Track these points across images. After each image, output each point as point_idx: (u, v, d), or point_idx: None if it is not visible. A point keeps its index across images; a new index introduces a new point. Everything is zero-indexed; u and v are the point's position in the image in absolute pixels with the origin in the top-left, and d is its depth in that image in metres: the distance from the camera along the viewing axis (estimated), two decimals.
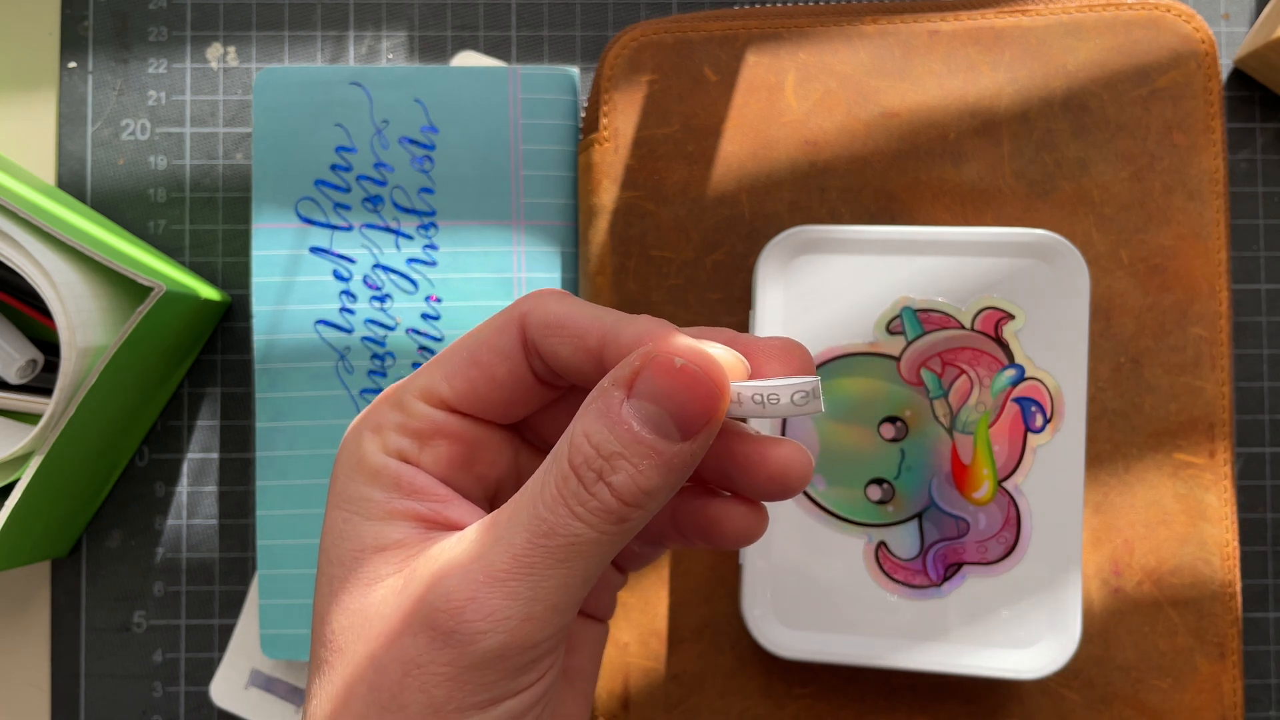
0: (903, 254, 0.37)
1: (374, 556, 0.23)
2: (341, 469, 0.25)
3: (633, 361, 0.22)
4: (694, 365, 0.21)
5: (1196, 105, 0.38)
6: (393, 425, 0.24)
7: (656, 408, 0.21)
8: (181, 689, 0.43)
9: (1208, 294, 0.38)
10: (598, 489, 0.21)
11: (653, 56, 0.39)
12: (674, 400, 0.21)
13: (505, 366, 0.24)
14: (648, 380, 0.21)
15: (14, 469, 0.37)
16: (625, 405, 0.21)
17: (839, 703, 0.38)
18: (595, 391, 0.22)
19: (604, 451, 0.21)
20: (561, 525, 0.21)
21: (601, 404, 0.21)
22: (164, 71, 0.44)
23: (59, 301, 0.34)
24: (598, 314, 0.24)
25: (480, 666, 0.22)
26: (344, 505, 0.24)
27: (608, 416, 0.21)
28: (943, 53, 0.39)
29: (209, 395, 0.44)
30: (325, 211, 0.41)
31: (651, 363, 0.21)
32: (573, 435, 0.22)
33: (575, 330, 0.24)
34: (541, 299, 0.24)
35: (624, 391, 0.21)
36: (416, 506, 0.24)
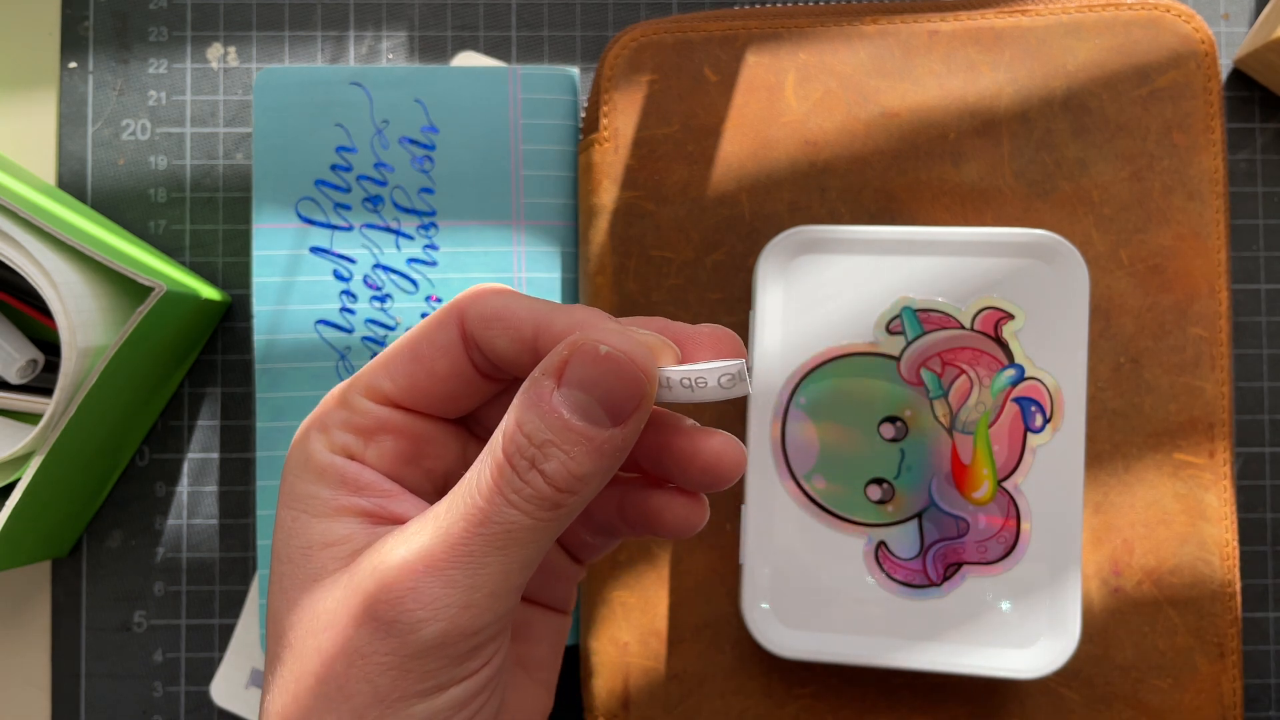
0: (903, 254, 0.37)
1: (321, 553, 0.24)
2: (290, 468, 0.25)
3: (561, 351, 0.22)
4: (620, 352, 0.22)
5: (1196, 105, 0.38)
6: (338, 423, 0.25)
7: (585, 395, 0.22)
8: (182, 689, 0.43)
9: (1207, 294, 0.38)
10: (531, 476, 0.22)
11: (653, 56, 0.39)
12: (601, 387, 0.22)
13: (445, 361, 0.25)
14: (576, 368, 0.22)
15: (14, 469, 0.37)
16: (555, 394, 0.22)
17: (839, 703, 0.38)
18: (527, 381, 0.22)
19: (536, 440, 0.22)
20: (497, 513, 0.22)
21: (532, 393, 0.22)
22: (164, 71, 0.44)
23: (59, 301, 0.34)
24: (534, 306, 0.24)
25: (422, 655, 0.22)
26: (292, 504, 0.24)
27: (539, 405, 0.22)
28: (943, 53, 0.39)
29: (209, 395, 0.44)
30: (325, 211, 0.41)
31: (578, 351, 0.22)
32: (506, 425, 0.22)
33: (511, 322, 0.24)
34: (480, 294, 0.25)
35: (554, 380, 0.22)
36: (362, 502, 0.24)
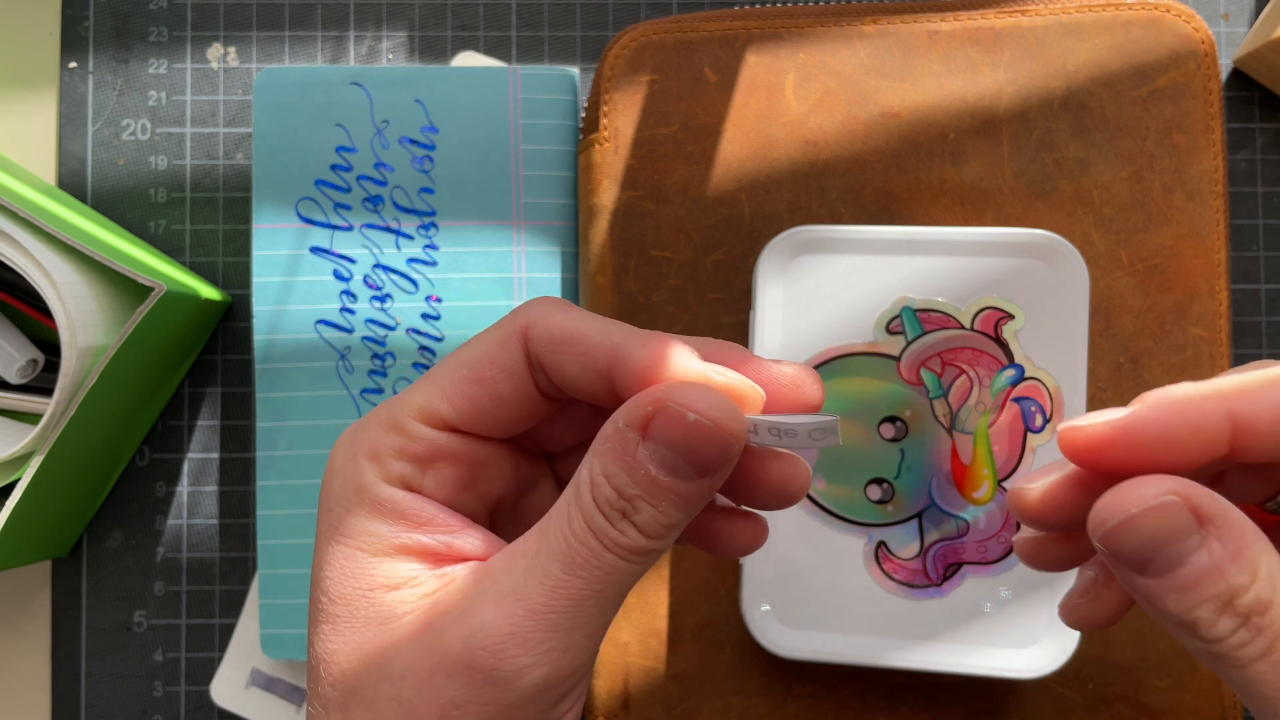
0: (903, 254, 0.37)
1: (385, 595, 0.23)
2: (337, 499, 0.23)
3: (646, 405, 0.21)
4: (708, 420, 0.21)
5: (1196, 105, 0.38)
6: (391, 450, 0.23)
7: (672, 453, 0.21)
8: (182, 689, 0.43)
9: (1207, 294, 0.38)
10: (624, 526, 0.21)
11: (653, 56, 0.39)
12: (689, 448, 0.21)
13: (509, 383, 0.24)
14: (662, 428, 0.21)
15: (14, 469, 0.37)
16: (641, 449, 0.21)
17: (839, 703, 0.38)
18: (611, 429, 0.22)
19: (625, 494, 0.21)
20: (595, 557, 0.21)
21: (618, 446, 0.21)
22: (164, 71, 0.44)
23: (59, 301, 0.34)
24: (606, 329, 0.23)
25: (523, 702, 0.21)
26: (346, 539, 0.23)
27: (625, 459, 0.21)
28: (943, 53, 0.39)
29: (209, 395, 0.44)
30: (325, 211, 0.41)
31: (664, 412, 0.21)
32: (592, 473, 0.22)
33: (583, 347, 0.23)
34: (544, 310, 0.24)
35: (639, 434, 0.21)
36: (426, 540, 0.23)
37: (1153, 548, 0.20)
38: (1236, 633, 0.20)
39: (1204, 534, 0.20)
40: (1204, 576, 0.20)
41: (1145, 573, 0.20)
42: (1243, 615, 0.20)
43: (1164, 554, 0.20)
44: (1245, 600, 0.20)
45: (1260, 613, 0.20)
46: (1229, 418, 0.21)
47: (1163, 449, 0.21)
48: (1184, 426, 0.21)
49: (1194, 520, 0.20)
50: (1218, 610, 0.20)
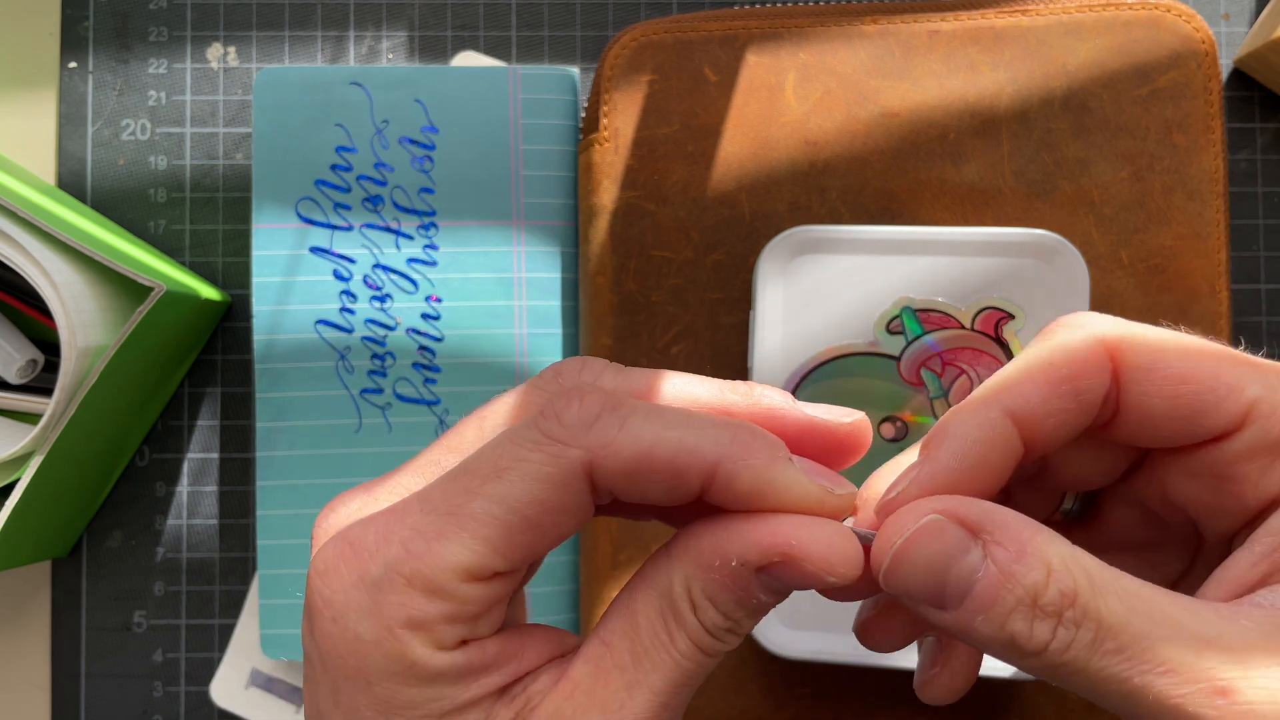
0: (903, 254, 0.37)
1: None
2: (379, 673, 0.20)
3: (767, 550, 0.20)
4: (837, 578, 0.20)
5: (1196, 105, 0.38)
6: (439, 618, 0.20)
7: (790, 586, 0.21)
8: (181, 689, 0.43)
9: (1208, 294, 0.38)
10: (728, 639, 0.21)
11: (653, 56, 0.39)
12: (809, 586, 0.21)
13: (573, 522, 0.21)
14: (784, 574, 0.20)
15: (14, 469, 0.37)
16: (755, 582, 0.21)
17: (839, 703, 0.38)
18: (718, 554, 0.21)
19: (734, 616, 0.21)
20: (699, 665, 0.21)
21: (732, 582, 0.21)
22: (164, 71, 0.44)
23: (59, 301, 0.34)
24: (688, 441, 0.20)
25: None
26: (400, 711, 0.20)
27: (739, 594, 0.21)
28: (943, 53, 0.39)
29: (209, 395, 0.44)
30: (325, 211, 0.41)
31: (786, 564, 0.20)
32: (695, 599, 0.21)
33: (670, 471, 0.20)
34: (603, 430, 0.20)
35: (754, 570, 0.21)
36: (496, 680, 0.21)
37: (938, 576, 0.20)
38: (1057, 634, 0.19)
39: (981, 544, 0.20)
40: (999, 587, 0.19)
41: (945, 606, 0.20)
42: (1054, 614, 0.19)
43: (952, 579, 0.20)
44: (1049, 597, 0.19)
45: (1070, 605, 0.19)
46: (1010, 419, 0.22)
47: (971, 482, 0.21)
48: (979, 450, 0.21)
49: (965, 533, 0.20)
50: (1028, 618, 0.19)
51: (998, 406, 0.22)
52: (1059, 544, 0.20)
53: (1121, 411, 0.22)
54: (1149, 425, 0.22)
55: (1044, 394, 0.22)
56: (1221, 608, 0.20)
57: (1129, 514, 0.26)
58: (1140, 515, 0.25)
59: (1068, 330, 0.23)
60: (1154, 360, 0.22)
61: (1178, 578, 0.25)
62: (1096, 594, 0.19)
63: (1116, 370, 0.22)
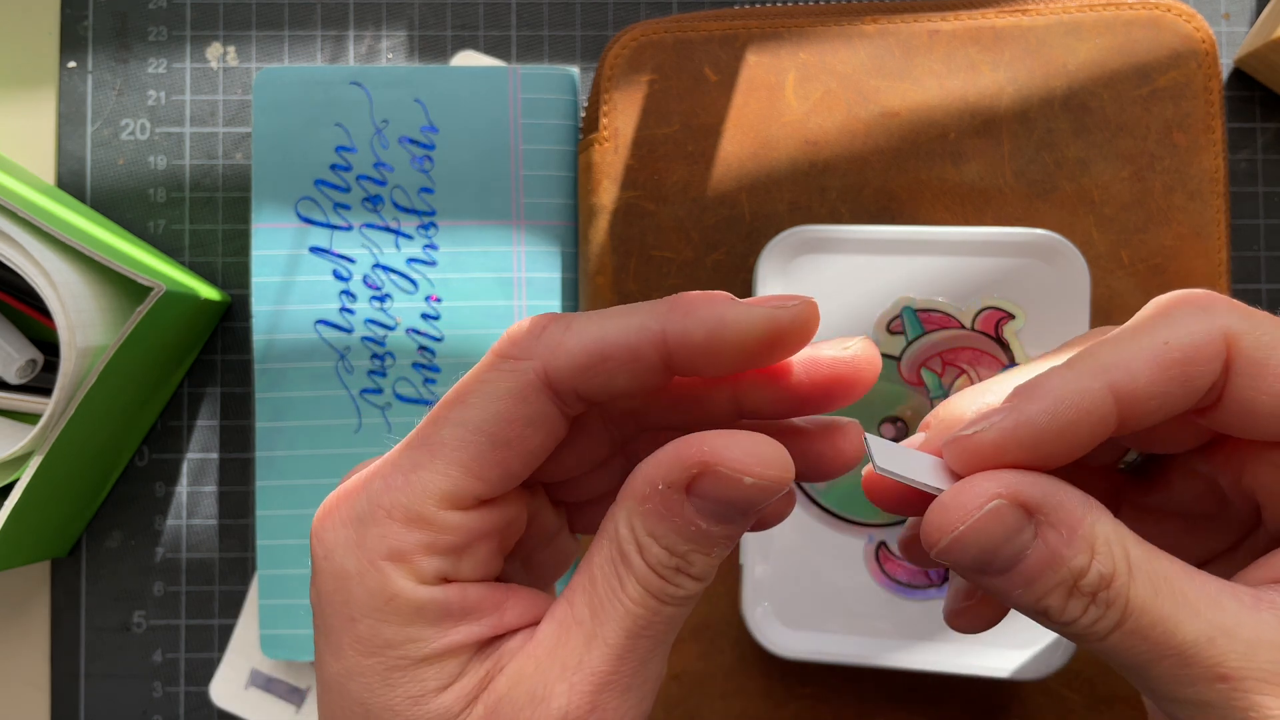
0: (903, 254, 0.37)
1: (438, 697, 0.21)
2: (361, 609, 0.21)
3: (688, 466, 0.20)
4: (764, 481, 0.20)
5: (1197, 105, 0.38)
6: (419, 548, 0.21)
7: (719, 505, 0.20)
8: (181, 689, 0.43)
9: None
10: (679, 580, 0.21)
11: (653, 56, 0.39)
12: (740, 501, 0.20)
13: (541, 435, 0.21)
14: (710, 488, 0.20)
15: (14, 469, 0.37)
16: (687, 506, 0.20)
17: (839, 703, 0.38)
18: (648, 489, 0.20)
19: (678, 551, 0.21)
20: (654, 613, 0.21)
21: (661, 508, 0.20)
22: (164, 71, 0.44)
23: (59, 301, 0.34)
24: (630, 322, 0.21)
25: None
26: (381, 651, 0.21)
27: (671, 520, 0.20)
28: (943, 53, 0.39)
29: (209, 395, 0.44)
30: (325, 211, 0.41)
31: (712, 474, 0.20)
32: (637, 535, 0.21)
33: (624, 353, 0.21)
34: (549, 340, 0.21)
35: (681, 492, 0.20)
36: (475, 630, 0.21)
37: (990, 554, 0.20)
38: (1087, 611, 0.20)
39: (1035, 525, 0.20)
40: (1045, 567, 0.20)
41: (988, 573, 0.20)
42: (1089, 594, 0.20)
43: (1001, 555, 0.20)
44: (1089, 580, 0.20)
45: (1105, 587, 0.20)
46: (1110, 394, 0.20)
47: (1054, 445, 0.20)
48: (1072, 416, 0.20)
49: (1023, 514, 0.20)
50: (1065, 596, 0.20)
51: (1104, 379, 0.20)
52: (1106, 524, 0.20)
53: (1224, 401, 0.21)
54: (1249, 419, 0.21)
55: (1153, 376, 0.21)
56: (1246, 596, 0.20)
57: (1192, 483, 0.25)
58: (1204, 487, 0.25)
59: (1189, 313, 0.21)
60: (1270, 357, 0.21)
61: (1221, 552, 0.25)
62: (1131, 577, 0.20)
63: (1229, 360, 0.21)
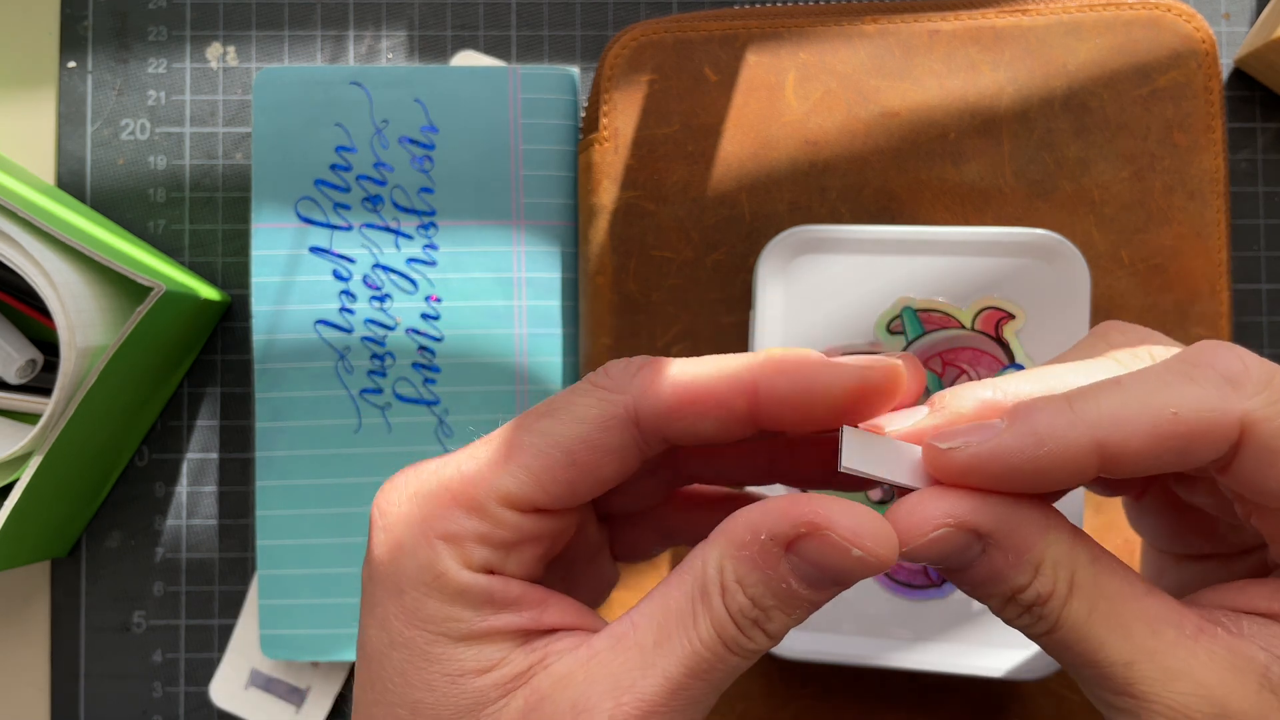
0: (903, 254, 0.37)
1: (476, 680, 0.22)
2: (410, 580, 0.22)
3: (795, 523, 0.20)
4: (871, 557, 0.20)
5: (1197, 105, 0.38)
6: (473, 536, 0.22)
7: (817, 569, 0.21)
8: (181, 689, 0.43)
9: (1208, 294, 0.38)
10: (754, 633, 0.21)
11: (653, 56, 0.39)
12: (841, 572, 0.20)
13: (614, 465, 0.22)
14: (814, 551, 0.20)
15: (14, 469, 0.37)
16: (784, 563, 0.21)
17: (840, 703, 0.38)
18: (748, 535, 0.21)
19: (762, 604, 0.21)
20: (719, 660, 0.21)
21: (758, 557, 0.21)
22: (164, 71, 0.44)
23: (59, 301, 0.34)
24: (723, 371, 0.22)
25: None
26: (425, 625, 0.22)
27: (766, 572, 0.21)
28: (943, 52, 0.39)
29: (209, 395, 0.44)
30: (325, 211, 0.41)
31: (821, 540, 0.20)
32: (724, 578, 0.21)
33: (714, 402, 0.22)
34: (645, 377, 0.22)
35: (782, 547, 0.21)
36: (514, 620, 0.22)
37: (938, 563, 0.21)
38: (1021, 618, 0.21)
39: (983, 545, 0.21)
40: (987, 579, 0.21)
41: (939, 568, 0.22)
42: (1025, 606, 0.21)
43: (950, 563, 0.21)
44: (1026, 596, 0.21)
45: (1041, 604, 0.21)
46: (1096, 449, 0.20)
47: (1024, 482, 0.20)
48: (1047, 462, 0.20)
49: (971, 537, 0.21)
50: (1002, 603, 0.21)
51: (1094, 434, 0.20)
52: (1059, 546, 0.21)
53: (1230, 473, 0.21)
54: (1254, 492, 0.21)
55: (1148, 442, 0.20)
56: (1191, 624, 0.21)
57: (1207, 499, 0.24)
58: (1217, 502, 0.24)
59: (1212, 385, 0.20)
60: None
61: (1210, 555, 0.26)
62: (1069, 597, 0.21)
63: (1241, 441, 0.20)
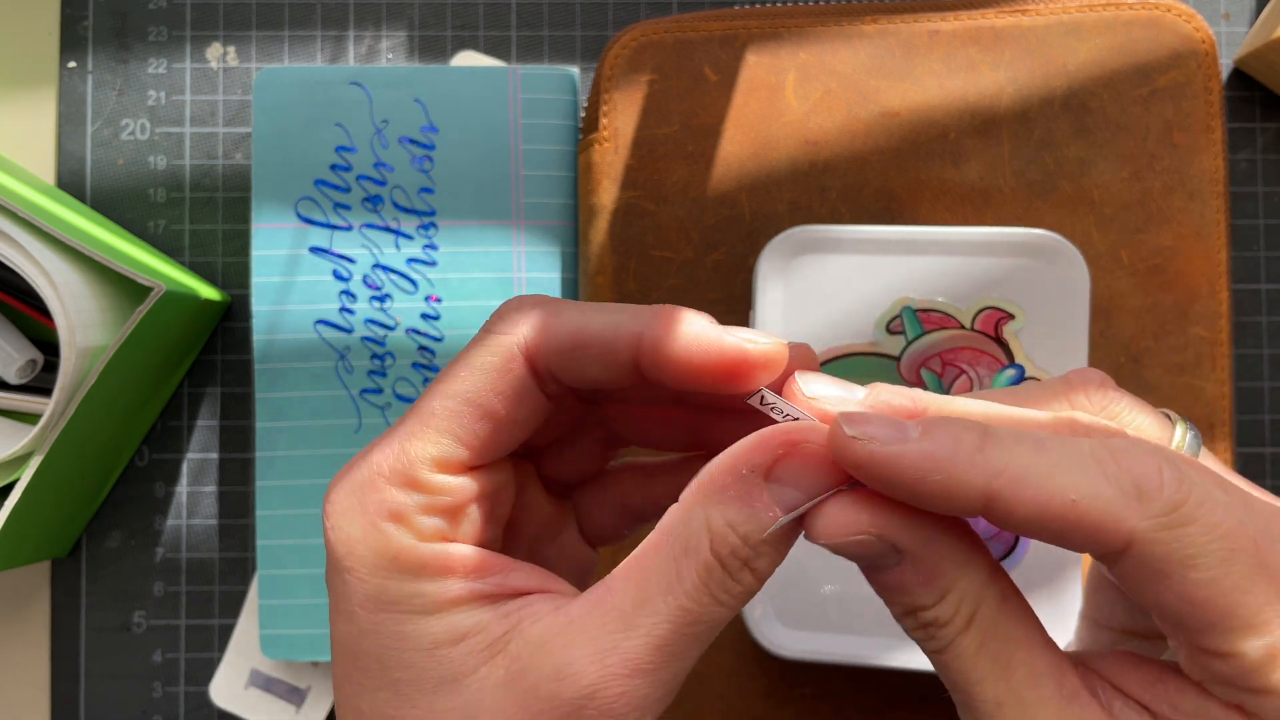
0: (903, 254, 0.37)
1: (452, 650, 0.22)
2: (368, 568, 0.22)
3: (772, 445, 0.21)
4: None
5: (1196, 105, 0.38)
6: (416, 508, 0.22)
7: (797, 492, 0.21)
8: (181, 689, 0.43)
9: (1208, 294, 0.38)
10: (743, 576, 0.21)
11: (653, 56, 0.39)
12: (818, 486, 0.21)
13: (521, 407, 0.23)
14: (794, 470, 0.21)
15: (14, 469, 0.37)
16: (767, 493, 0.21)
17: (839, 703, 0.38)
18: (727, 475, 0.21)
19: (751, 541, 0.21)
20: (706, 613, 0.21)
21: (742, 492, 0.21)
22: (164, 71, 0.44)
23: (59, 301, 0.34)
24: (613, 319, 0.22)
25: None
26: (391, 607, 0.22)
27: (751, 505, 0.21)
28: (943, 53, 0.39)
29: (209, 395, 0.44)
30: (325, 211, 0.41)
31: (800, 454, 0.21)
32: (712, 525, 0.21)
33: (600, 346, 0.22)
34: (536, 320, 0.23)
35: (763, 476, 0.21)
36: (479, 585, 0.22)
37: (854, 560, 0.21)
38: (916, 631, 0.22)
39: (900, 557, 0.21)
40: (895, 587, 0.21)
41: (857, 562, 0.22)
42: (922, 624, 0.21)
43: (865, 562, 0.21)
44: (925, 616, 0.21)
45: (938, 626, 0.21)
46: (984, 496, 0.20)
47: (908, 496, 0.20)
48: (937, 491, 0.20)
49: (891, 549, 0.21)
50: (902, 613, 0.22)
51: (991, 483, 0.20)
52: (970, 581, 0.21)
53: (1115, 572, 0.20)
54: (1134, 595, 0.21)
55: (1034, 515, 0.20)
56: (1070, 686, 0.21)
57: None
58: None
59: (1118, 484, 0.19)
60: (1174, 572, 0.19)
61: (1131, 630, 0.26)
62: (965, 630, 0.21)
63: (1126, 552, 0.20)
